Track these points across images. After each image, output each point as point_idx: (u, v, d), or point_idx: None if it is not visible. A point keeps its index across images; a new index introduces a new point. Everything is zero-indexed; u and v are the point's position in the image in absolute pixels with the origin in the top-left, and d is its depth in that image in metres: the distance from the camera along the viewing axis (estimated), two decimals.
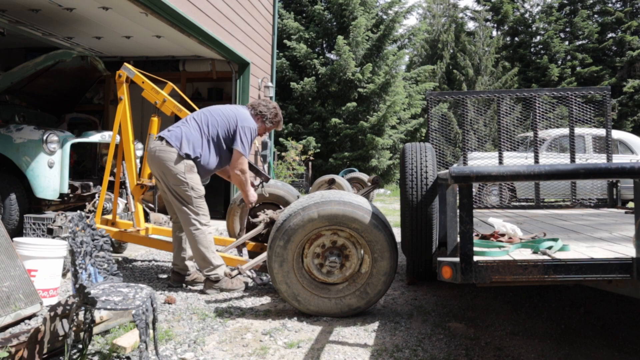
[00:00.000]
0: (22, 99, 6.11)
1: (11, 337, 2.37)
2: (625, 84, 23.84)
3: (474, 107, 10.92)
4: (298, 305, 3.19)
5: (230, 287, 3.79)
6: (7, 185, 4.93)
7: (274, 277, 3.17)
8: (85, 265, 2.37)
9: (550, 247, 2.22)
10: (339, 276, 3.22)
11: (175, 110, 4.43)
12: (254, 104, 4.06)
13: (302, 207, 3.15)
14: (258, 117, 4.01)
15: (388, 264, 3.14)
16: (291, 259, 3.15)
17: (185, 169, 3.71)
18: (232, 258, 4.14)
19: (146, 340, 2.19)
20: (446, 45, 27.00)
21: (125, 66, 4.45)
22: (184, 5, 6.30)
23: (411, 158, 2.92)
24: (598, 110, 4.98)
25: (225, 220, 5.36)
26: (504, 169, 2.11)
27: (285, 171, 13.39)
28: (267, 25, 10.03)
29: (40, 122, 5.69)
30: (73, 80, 6.31)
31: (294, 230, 3.11)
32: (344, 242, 3.21)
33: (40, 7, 5.98)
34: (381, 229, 3.11)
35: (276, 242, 3.14)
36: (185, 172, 3.71)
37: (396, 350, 2.67)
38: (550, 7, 27.37)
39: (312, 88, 17.98)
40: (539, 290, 3.99)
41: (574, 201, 4.99)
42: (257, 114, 4.00)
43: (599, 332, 3.05)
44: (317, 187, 9.10)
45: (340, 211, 3.08)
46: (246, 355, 2.61)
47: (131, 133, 4.58)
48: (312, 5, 19.79)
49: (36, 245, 3.34)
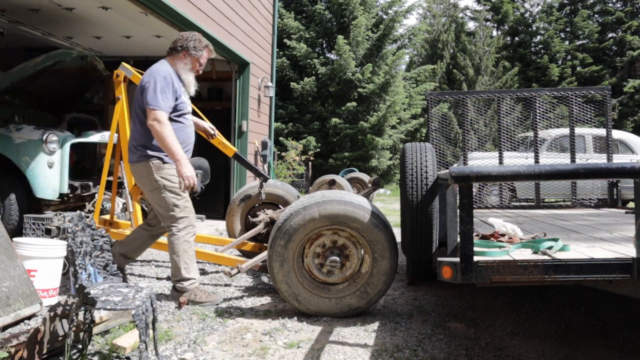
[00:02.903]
0: (22, 99, 6.10)
1: (11, 337, 2.37)
2: (626, 84, 23.84)
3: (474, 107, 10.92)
4: (298, 305, 3.19)
5: (199, 299, 3.44)
6: (7, 185, 4.92)
7: (274, 276, 3.17)
8: (85, 265, 2.37)
9: (550, 247, 2.22)
10: (339, 276, 3.22)
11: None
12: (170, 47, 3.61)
13: (303, 206, 3.15)
14: (181, 54, 3.56)
15: (388, 264, 3.14)
16: (292, 258, 3.15)
17: (153, 170, 3.42)
18: (231, 258, 4.14)
19: (146, 340, 2.18)
20: (446, 45, 27.00)
21: (123, 66, 4.44)
22: (184, 5, 6.30)
23: (411, 158, 2.92)
24: (598, 110, 4.98)
25: (225, 220, 5.36)
26: (504, 169, 2.10)
27: (285, 171, 13.39)
28: (267, 25, 10.03)
29: (40, 122, 5.69)
30: (73, 80, 6.31)
31: (295, 229, 3.11)
32: (344, 242, 3.21)
33: (40, 7, 5.97)
34: (382, 229, 3.11)
35: (277, 241, 3.14)
36: (154, 172, 3.42)
37: (396, 351, 2.67)
38: (551, 6, 27.38)
39: (312, 88, 17.98)
40: (539, 290, 3.99)
41: (574, 201, 4.98)
42: (178, 51, 3.56)
43: (600, 332, 3.05)
44: (317, 187, 9.10)
45: (341, 211, 3.09)
46: (246, 355, 2.61)
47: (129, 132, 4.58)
48: (312, 5, 19.80)
49: (36, 245, 3.34)
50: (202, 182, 7.54)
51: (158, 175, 3.43)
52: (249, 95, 8.75)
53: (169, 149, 3.32)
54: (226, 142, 4.50)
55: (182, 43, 3.56)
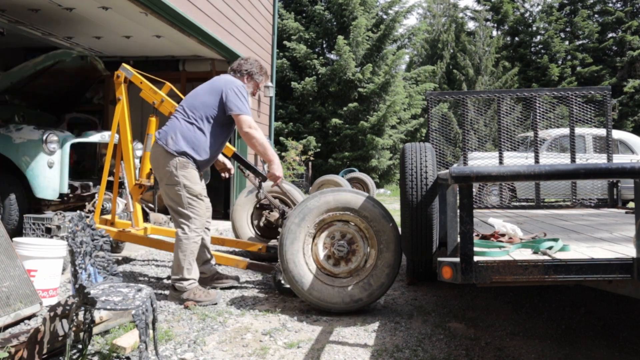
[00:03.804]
0: (22, 99, 6.10)
1: (11, 337, 2.37)
2: (626, 84, 23.84)
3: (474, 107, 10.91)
4: (302, 287, 3.24)
5: (199, 298, 3.46)
6: (7, 185, 4.92)
7: (283, 254, 3.28)
8: (85, 265, 2.37)
9: (550, 247, 2.22)
10: (344, 269, 3.31)
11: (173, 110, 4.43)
12: (234, 67, 3.82)
13: (320, 192, 3.40)
14: (245, 77, 3.78)
15: (392, 257, 3.25)
16: (302, 238, 3.30)
17: (178, 166, 3.47)
18: (230, 257, 4.12)
19: (146, 340, 2.18)
20: (446, 45, 27.00)
21: (123, 66, 4.45)
22: (183, 5, 6.30)
23: (411, 158, 2.92)
24: (598, 110, 4.98)
25: (230, 219, 5.39)
26: (504, 169, 2.10)
27: (285, 171, 13.40)
28: (267, 25, 10.03)
29: (40, 122, 5.69)
30: (73, 80, 6.31)
31: (310, 209, 3.32)
32: (353, 236, 3.34)
33: (40, 7, 5.97)
34: (388, 220, 3.29)
35: (291, 219, 3.33)
36: (177, 169, 3.47)
37: (396, 351, 2.67)
38: (551, 6, 27.38)
39: (313, 88, 17.98)
40: (539, 290, 3.99)
41: (574, 201, 4.98)
42: (242, 74, 3.77)
43: (600, 332, 3.04)
44: (317, 187, 9.10)
45: (353, 198, 3.31)
46: (246, 356, 2.61)
47: (129, 133, 4.58)
48: (312, 5, 19.80)
49: (36, 245, 3.34)
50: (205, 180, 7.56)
51: (180, 172, 3.48)
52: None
53: (266, 151, 3.60)
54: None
55: (247, 68, 3.80)
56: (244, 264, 4.04)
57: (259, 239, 5.26)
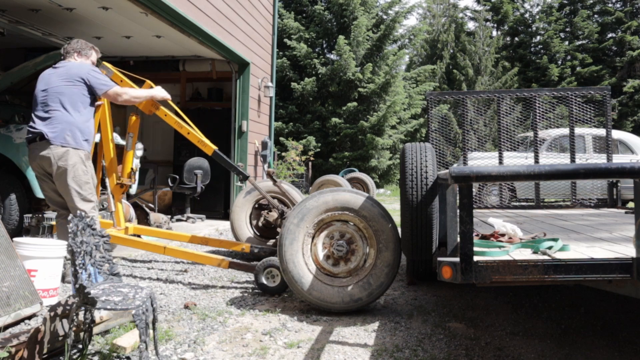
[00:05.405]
0: (22, 99, 6.11)
1: (11, 337, 2.37)
2: (625, 84, 23.83)
3: (474, 107, 10.91)
4: (301, 287, 3.24)
5: None
6: (7, 185, 4.93)
7: (282, 254, 3.29)
8: (85, 265, 2.37)
9: (550, 247, 2.22)
10: (344, 268, 3.31)
11: (152, 108, 4.42)
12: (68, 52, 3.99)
13: (319, 192, 3.41)
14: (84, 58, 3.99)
15: (392, 256, 3.25)
16: (301, 238, 3.30)
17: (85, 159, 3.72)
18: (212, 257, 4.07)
19: (146, 340, 2.18)
20: (446, 45, 27.00)
21: (103, 65, 4.43)
22: (184, 5, 6.30)
23: (411, 158, 2.92)
24: (598, 110, 4.98)
25: (230, 220, 5.39)
26: (504, 169, 2.11)
27: (285, 171, 13.40)
28: (267, 25, 10.03)
29: None
30: None
31: (308, 209, 3.32)
32: (352, 236, 3.34)
33: (40, 7, 5.97)
34: (387, 220, 3.29)
35: (290, 219, 3.33)
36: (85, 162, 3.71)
37: (396, 350, 2.67)
38: (550, 7, 27.37)
39: (313, 88, 17.98)
40: (539, 290, 3.99)
41: (574, 201, 4.98)
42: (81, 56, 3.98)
43: (599, 332, 3.05)
44: (317, 187, 9.11)
45: (352, 198, 3.32)
46: (246, 355, 2.61)
47: (110, 132, 4.56)
48: (312, 5, 19.80)
49: (36, 245, 3.34)
50: (202, 182, 7.55)
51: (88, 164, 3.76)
52: (249, 95, 8.75)
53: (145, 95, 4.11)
54: (205, 140, 4.45)
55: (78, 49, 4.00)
56: (225, 263, 3.98)
57: (258, 239, 5.26)
